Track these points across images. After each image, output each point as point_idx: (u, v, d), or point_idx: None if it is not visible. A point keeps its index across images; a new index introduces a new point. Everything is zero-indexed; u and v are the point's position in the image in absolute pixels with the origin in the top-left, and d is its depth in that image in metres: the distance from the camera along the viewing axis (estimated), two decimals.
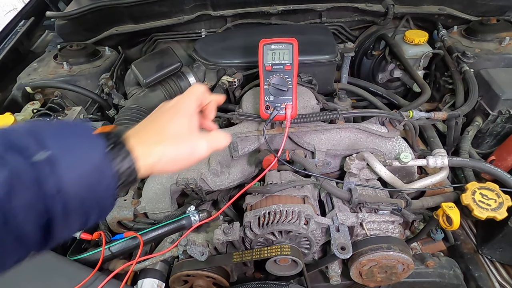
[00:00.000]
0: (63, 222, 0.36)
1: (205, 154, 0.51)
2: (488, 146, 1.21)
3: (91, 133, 0.40)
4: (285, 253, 0.81)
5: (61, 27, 1.37)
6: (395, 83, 1.54)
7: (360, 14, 1.50)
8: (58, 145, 0.36)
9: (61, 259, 0.84)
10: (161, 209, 1.00)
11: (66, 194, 0.35)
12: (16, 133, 0.36)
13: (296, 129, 0.97)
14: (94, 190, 0.37)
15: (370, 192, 0.93)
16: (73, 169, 0.36)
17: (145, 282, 0.89)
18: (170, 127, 0.48)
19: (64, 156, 0.35)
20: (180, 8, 1.41)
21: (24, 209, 0.33)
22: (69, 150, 0.36)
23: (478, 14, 1.43)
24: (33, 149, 0.34)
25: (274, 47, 0.89)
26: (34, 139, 0.35)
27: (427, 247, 1.11)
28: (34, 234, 0.35)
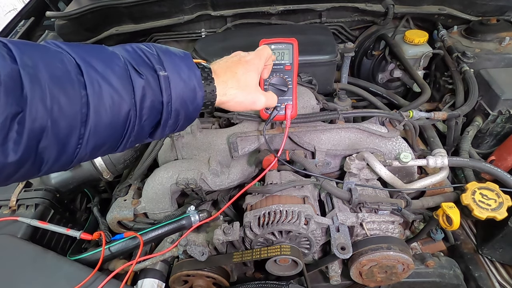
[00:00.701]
0: (164, 125, 0.50)
1: (262, 107, 0.68)
2: (488, 146, 1.21)
3: (193, 63, 0.53)
4: (285, 253, 0.81)
5: (61, 27, 1.37)
6: (395, 83, 1.54)
7: (360, 14, 1.50)
8: (172, 68, 0.49)
9: (61, 259, 0.84)
10: (161, 209, 1.00)
11: (173, 104, 0.49)
12: (147, 52, 0.49)
13: (296, 129, 0.97)
14: (188, 105, 0.51)
15: (370, 192, 0.93)
16: (180, 89, 0.49)
17: (145, 282, 0.89)
18: (245, 78, 0.61)
19: (175, 78, 0.49)
20: (180, 8, 1.41)
21: (148, 110, 0.47)
22: (178, 74, 0.50)
23: (478, 14, 1.43)
24: (158, 67, 0.48)
25: (274, 47, 0.89)
26: (158, 59, 0.49)
27: (427, 247, 1.11)
28: (148, 129, 0.50)
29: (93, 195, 1.19)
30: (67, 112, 0.38)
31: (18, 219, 0.90)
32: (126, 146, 0.49)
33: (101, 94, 0.41)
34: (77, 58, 0.41)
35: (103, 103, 0.41)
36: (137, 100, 0.45)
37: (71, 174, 1.01)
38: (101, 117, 0.42)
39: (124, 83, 0.43)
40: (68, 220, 1.04)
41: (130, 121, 0.45)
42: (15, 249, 0.85)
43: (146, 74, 0.46)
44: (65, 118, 0.38)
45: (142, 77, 0.45)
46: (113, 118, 0.43)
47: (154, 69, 0.47)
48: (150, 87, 0.46)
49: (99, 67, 0.42)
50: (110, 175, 1.04)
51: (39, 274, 0.80)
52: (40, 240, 0.92)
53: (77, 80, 0.40)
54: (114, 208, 0.98)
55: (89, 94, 0.40)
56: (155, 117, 0.48)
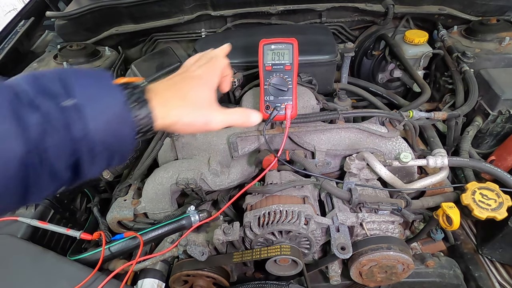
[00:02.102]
0: (89, 163, 0.40)
1: (218, 127, 0.54)
2: (488, 146, 1.21)
3: (111, 83, 0.43)
4: (285, 253, 0.81)
5: (61, 27, 1.37)
6: (395, 83, 1.54)
7: (360, 14, 1.50)
8: (83, 93, 0.39)
9: (61, 259, 0.85)
10: (161, 209, 1.00)
11: (91, 138, 0.39)
12: (46, 78, 0.39)
13: (296, 129, 0.97)
14: (116, 136, 0.41)
15: (370, 192, 0.93)
16: (96, 116, 0.39)
17: (145, 282, 0.89)
18: (192, 95, 0.51)
19: (88, 105, 0.39)
20: (180, 8, 1.41)
21: (55, 150, 0.37)
22: (92, 99, 0.39)
23: (478, 14, 1.43)
24: (62, 95, 0.38)
25: (274, 47, 0.89)
26: (62, 86, 0.38)
27: (427, 247, 1.11)
28: (65, 172, 0.39)
29: (93, 195, 1.19)
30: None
31: (18, 219, 0.90)
32: (41, 195, 0.40)
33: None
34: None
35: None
36: (33, 143, 0.35)
37: None
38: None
39: (10, 125, 0.34)
40: (68, 220, 1.05)
41: (29, 169, 0.36)
42: (15, 249, 0.85)
43: (41, 107, 0.36)
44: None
45: (35, 112, 0.35)
46: (1, 167, 0.34)
47: (56, 99, 0.37)
48: (50, 122, 0.36)
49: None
50: (110, 175, 1.04)
51: (39, 274, 0.80)
52: (40, 240, 0.92)
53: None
54: (114, 208, 0.98)
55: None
56: (70, 156, 0.38)
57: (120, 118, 0.41)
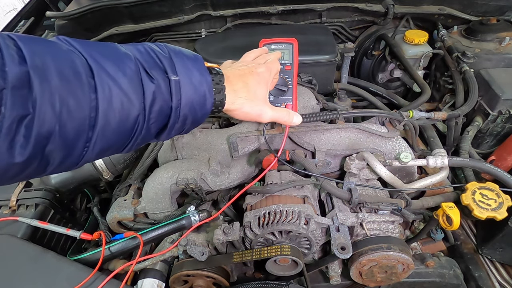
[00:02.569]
0: (170, 129, 0.50)
1: (267, 121, 0.66)
2: (488, 146, 1.21)
3: (205, 68, 0.52)
4: (285, 253, 0.81)
5: (61, 27, 1.37)
6: (395, 83, 1.54)
7: (360, 14, 1.50)
8: (184, 73, 0.48)
9: (61, 259, 0.84)
10: (161, 209, 1.00)
11: (181, 110, 0.49)
12: (160, 54, 0.48)
13: (296, 129, 0.97)
14: (196, 111, 0.51)
15: (370, 192, 0.93)
16: (189, 93, 0.49)
17: (145, 282, 0.89)
18: (255, 89, 0.61)
19: (185, 83, 0.48)
20: (180, 8, 1.41)
21: (157, 114, 0.46)
22: (190, 79, 0.49)
23: (478, 14, 1.43)
24: (169, 70, 0.47)
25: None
26: (170, 62, 0.48)
27: (427, 247, 1.11)
28: (154, 132, 0.49)
29: (93, 195, 1.19)
30: (75, 116, 0.38)
31: (18, 219, 0.90)
32: (132, 147, 0.48)
33: (111, 98, 0.40)
34: (89, 58, 0.40)
35: (113, 107, 0.41)
36: (146, 105, 0.44)
37: (71, 174, 1.01)
38: (109, 122, 0.41)
39: (134, 87, 0.43)
40: (68, 220, 1.05)
41: (138, 125, 0.45)
42: (15, 249, 0.85)
43: (157, 78, 0.45)
44: (74, 122, 0.38)
45: (153, 81, 0.45)
46: (121, 123, 0.42)
47: (165, 73, 0.46)
48: (160, 91, 0.45)
49: (111, 70, 0.41)
50: (110, 175, 1.04)
51: (39, 274, 0.80)
52: (40, 240, 0.92)
53: (88, 83, 0.39)
54: (114, 208, 0.98)
55: (99, 98, 0.39)
56: (163, 120, 0.48)
57: (204, 98, 0.51)
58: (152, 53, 0.47)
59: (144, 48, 0.47)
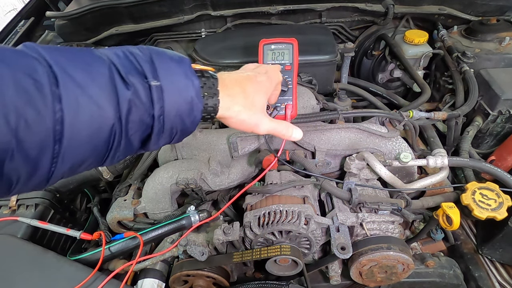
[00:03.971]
0: (156, 138, 0.46)
1: (263, 132, 0.59)
2: (488, 146, 1.21)
3: (191, 70, 0.47)
4: (285, 253, 0.81)
5: (61, 27, 1.37)
6: (395, 83, 1.54)
7: (360, 14, 1.50)
8: (167, 77, 0.43)
9: (61, 259, 0.84)
10: (161, 209, 1.00)
11: (165, 118, 0.44)
12: (139, 57, 0.43)
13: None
14: (183, 118, 0.46)
15: (370, 192, 0.93)
16: (174, 99, 0.44)
17: (145, 282, 0.89)
18: (254, 98, 0.57)
19: (169, 88, 0.43)
20: (180, 8, 1.41)
21: (136, 124, 0.42)
22: (173, 83, 0.44)
23: (478, 14, 1.43)
24: (149, 75, 0.42)
25: (274, 47, 0.89)
26: (151, 66, 0.43)
27: (427, 247, 1.11)
28: (137, 143, 0.45)
29: (93, 195, 1.19)
30: (36, 130, 0.34)
31: (18, 219, 0.90)
32: (114, 160, 0.44)
33: (78, 108, 0.37)
34: (54, 66, 0.36)
35: (81, 118, 0.37)
36: (122, 114, 0.40)
37: None
38: (78, 134, 0.37)
39: (107, 96, 0.38)
40: (68, 220, 1.05)
41: (115, 137, 0.41)
42: (15, 249, 0.85)
43: (134, 84, 0.41)
44: (34, 136, 0.34)
45: (129, 88, 0.40)
46: (93, 135, 0.38)
47: (145, 78, 0.42)
48: (138, 99, 0.41)
49: (79, 77, 0.37)
50: (110, 175, 1.04)
51: (39, 274, 0.80)
52: (40, 240, 0.92)
53: (51, 92, 0.35)
54: (114, 208, 0.98)
55: (64, 109, 0.35)
56: (145, 130, 0.44)
57: (191, 104, 0.46)
58: (131, 56, 0.43)
59: (123, 51, 0.43)
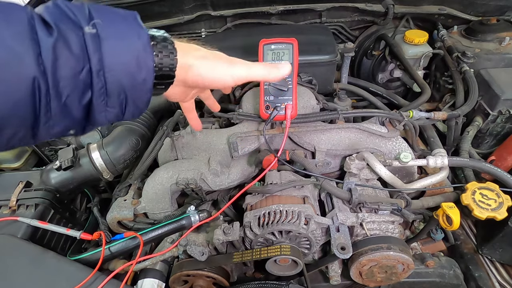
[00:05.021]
0: (102, 103, 0.38)
1: (242, 78, 0.51)
2: (488, 146, 1.21)
3: (139, 23, 0.41)
4: (285, 253, 0.81)
5: None
6: (395, 83, 1.54)
7: (360, 14, 1.50)
8: (106, 26, 0.37)
9: (61, 259, 0.84)
10: (161, 209, 1.00)
11: (106, 74, 0.37)
12: (73, 6, 0.37)
13: (296, 129, 0.97)
14: (132, 78, 0.39)
15: (370, 192, 0.93)
16: (115, 52, 0.37)
17: (145, 282, 0.89)
18: (215, 55, 0.50)
19: (109, 38, 0.37)
20: (180, 8, 1.41)
21: (68, 78, 0.35)
22: (115, 34, 0.37)
23: (478, 14, 1.43)
24: (85, 23, 0.36)
25: (274, 47, 0.89)
26: (87, 14, 0.37)
27: (427, 247, 1.11)
28: (77, 109, 0.37)
29: (93, 195, 1.19)
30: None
31: (18, 219, 0.90)
32: (50, 131, 0.38)
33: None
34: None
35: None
36: (47, 65, 0.34)
37: (71, 174, 1.01)
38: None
39: (23, 42, 0.33)
40: (68, 220, 1.05)
41: (40, 94, 0.34)
42: (15, 249, 0.85)
43: (62, 30, 0.34)
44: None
45: (51, 33, 0.34)
46: (8, 88, 0.33)
47: (78, 25, 0.35)
48: (68, 48, 0.34)
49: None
50: (110, 175, 1.04)
51: (39, 274, 0.80)
52: (40, 240, 0.92)
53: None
54: (114, 208, 0.98)
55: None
56: (84, 92, 0.37)
57: (139, 60, 0.39)
58: (64, 6, 0.36)
59: (54, 2, 0.37)
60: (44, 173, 1.02)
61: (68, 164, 0.98)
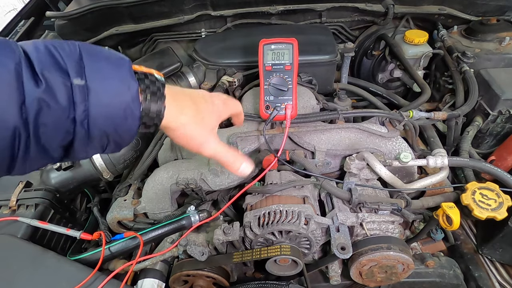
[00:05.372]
0: (82, 146, 0.39)
1: (208, 153, 0.53)
2: (488, 146, 1.21)
3: (130, 72, 0.40)
4: (285, 253, 0.81)
5: (61, 27, 1.37)
6: (395, 83, 1.54)
7: (360, 14, 1.50)
8: (95, 77, 0.37)
9: (61, 259, 0.84)
10: (161, 209, 1.00)
11: (91, 123, 0.37)
12: (64, 52, 0.37)
13: (296, 129, 0.97)
14: (117, 127, 0.40)
15: (370, 192, 0.93)
16: (103, 104, 0.37)
17: (145, 282, 0.89)
18: (204, 115, 0.51)
19: (98, 90, 0.37)
20: (180, 8, 1.41)
21: (49, 129, 0.36)
22: (104, 85, 0.38)
23: (478, 14, 1.43)
24: (73, 73, 0.36)
25: (274, 47, 0.89)
26: (78, 63, 0.37)
27: (427, 247, 1.11)
28: (56, 150, 0.38)
29: (93, 195, 1.19)
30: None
31: (18, 219, 0.90)
32: (26, 169, 0.39)
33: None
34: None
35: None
36: (29, 116, 0.34)
37: (71, 174, 1.01)
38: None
39: (7, 92, 0.33)
40: (68, 220, 1.04)
41: (20, 142, 0.35)
42: (15, 249, 0.85)
43: (49, 81, 0.34)
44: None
45: (39, 85, 0.34)
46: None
47: (67, 75, 0.36)
48: (53, 99, 0.35)
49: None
50: (110, 175, 1.04)
51: (39, 274, 0.80)
52: (40, 240, 0.92)
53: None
54: (114, 208, 0.98)
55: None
56: (65, 137, 0.37)
57: (125, 111, 0.39)
58: (55, 51, 0.36)
59: (46, 45, 0.37)
60: (44, 173, 1.02)
61: (68, 164, 0.98)
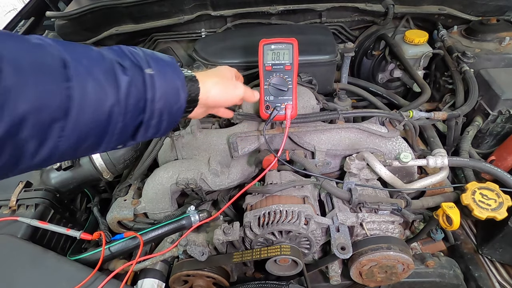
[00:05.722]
0: (147, 125, 0.51)
1: (242, 94, 0.71)
2: (488, 146, 1.21)
3: (178, 67, 0.56)
4: (285, 253, 0.81)
5: (61, 27, 1.37)
6: (395, 83, 1.54)
7: (360, 14, 1.50)
8: (157, 69, 0.51)
9: (61, 259, 0.84)
10: (161, 209, 1.00)
11: (156, 103, 0.50)
12: (139, 57, 0.51)
13: (296, 129, 0.97)
14: (171, 105, 0.53)
15: (370, 192, 0.93)
16: (163, 87, 0.51)
17: (145, 282, 0.89)
18: (227, 78, 0.70)
19: (159, 77, 0.51)
20: (180, 8, 1.41)
21: (132, 107, 0.48)
22: (163, 74, 0.52)
23: (478, 14, 1.43)
24: (144, 65, 0.50)
25: (274, 47, 0.89)
26: (144, 59, 0.51)
27: (427, 247, 1.11)
28: (131, 129, 0.50)
29: (93, 195, 1.19)
30: (49, 103, 0.39)
31: (18, 219, 0.90)
32: (110, 145, 0.49)
33: (85, 88, 0.42)
34: (63, 51, 0.42)
35: (87, 97, 0.42)
36: (121, 96, 0.45)
37: (71, 174, 1.01)
38: (84, 111, 0.42)
39: (109, 79, 0.45)
40: (68, 220, 1.05)
41: (114, 117, 0.46)
42: (15, 249, 0.85)
43: (132, 71, 0.47)
44: (47, 109, 0.38)
45: (127, 73, 0.47)
46: (96, 113, 0.43)
47: (140, 67, 0.49)
48: (135, 84, 0.47)
49: (86, 62, 0.43)
50: (110, 175, 1.04)
51: (39, 274, 0.80)
52: (40, 240, 0.92)
53: (61, 72, 0.40)
54: (114, 208, 0.98)
55: (73, 87, 0.41)
56: (138, 115, 0.49)
57: (178, 92, 0.53)
58: (127, 50, 0.50)
59: (118, 47, 0.51)
60: (44, 173, 1.02)
61: (68, 164, 0.98)
